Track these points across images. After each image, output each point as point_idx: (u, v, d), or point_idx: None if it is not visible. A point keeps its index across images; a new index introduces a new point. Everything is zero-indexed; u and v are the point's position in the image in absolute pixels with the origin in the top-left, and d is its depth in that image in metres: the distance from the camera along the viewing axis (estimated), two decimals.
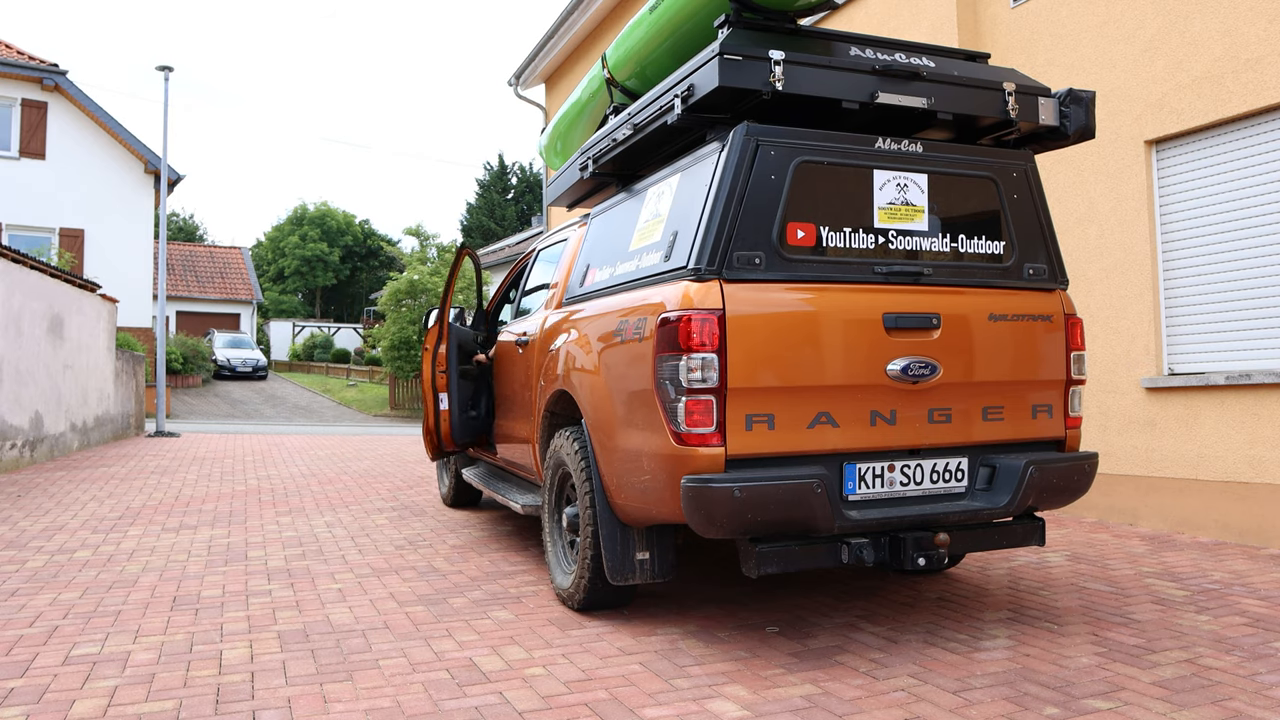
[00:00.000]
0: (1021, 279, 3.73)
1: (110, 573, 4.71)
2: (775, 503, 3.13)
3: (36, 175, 19.70)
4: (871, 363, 3.37)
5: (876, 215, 3.51)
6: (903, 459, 3.47)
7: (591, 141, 4.57)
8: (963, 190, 3.69)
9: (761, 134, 3.37)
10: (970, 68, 3.81)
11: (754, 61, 3.29)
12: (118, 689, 3.02)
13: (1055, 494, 3.62)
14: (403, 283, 24.67)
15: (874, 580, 4.54)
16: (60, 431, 10.27)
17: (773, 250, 3.32)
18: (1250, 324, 5.50)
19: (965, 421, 3.55)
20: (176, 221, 55.62)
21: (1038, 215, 3.80)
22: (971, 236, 3.66)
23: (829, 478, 3.22)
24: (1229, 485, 5.49)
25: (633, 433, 3.46)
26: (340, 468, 9.48)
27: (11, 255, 8.89)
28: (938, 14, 7.41)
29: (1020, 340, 3.67)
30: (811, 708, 2.85)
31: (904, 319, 3.42)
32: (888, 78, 3.51)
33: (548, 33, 14.03)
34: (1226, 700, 2.91)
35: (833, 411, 3.34)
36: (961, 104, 3.64)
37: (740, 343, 3.21)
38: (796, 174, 3.38)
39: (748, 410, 3.23)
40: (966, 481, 3.58)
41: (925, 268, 3.55)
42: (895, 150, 3.56)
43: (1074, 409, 3.81)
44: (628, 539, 3.64)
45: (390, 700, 2.91)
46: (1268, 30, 5.32)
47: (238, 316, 39.71)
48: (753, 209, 3.31)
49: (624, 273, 3.88)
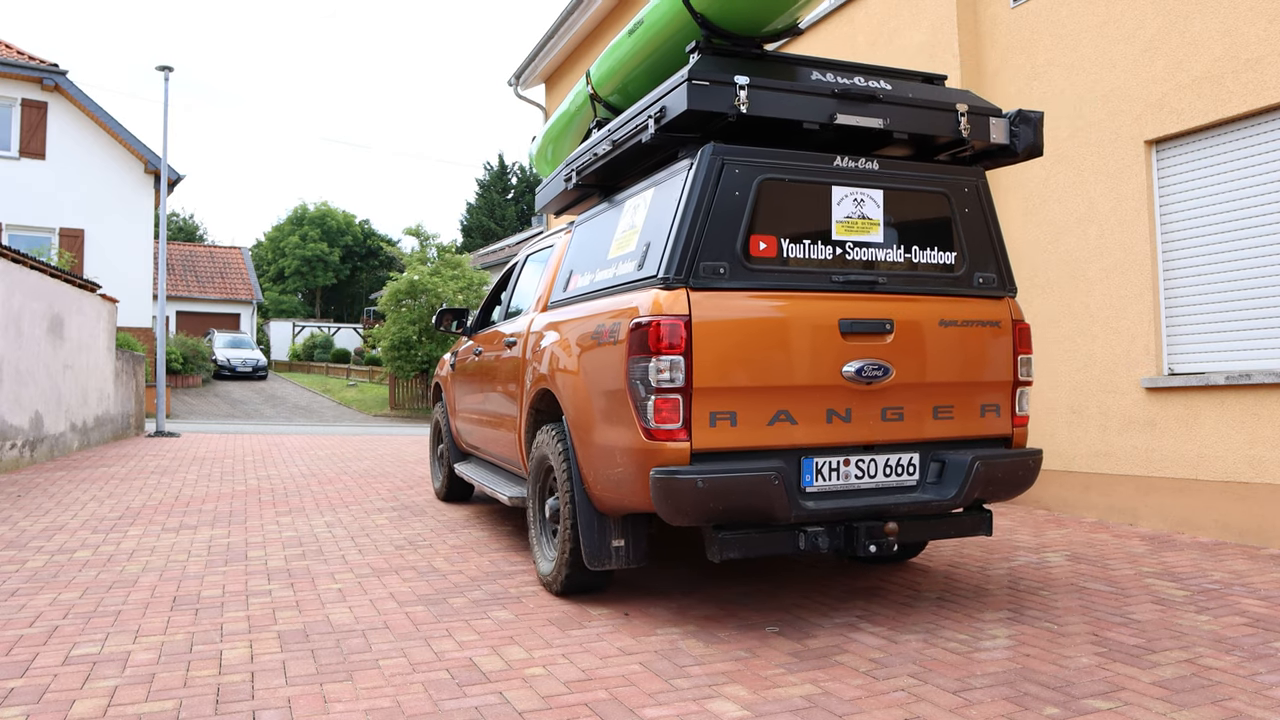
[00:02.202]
0: (971, 287, 3.98)
1: (110, 573, 4.71)
2: (736, 493, 3.38)
3: (36, 175, 19.71)
4: (828, 365, 3.63)
5: (834, 228, 3.77)
6: (857, 454, 3.72)
7: (575, 154, 4.83)
8: (916, 204, 3.95)
9: (727, 153, 3.62)
10: (926, 90, 4.07)
11: (720, 86, 3.55)
12: (118, 689, 3.02)
13: (1001, 488, 3.89)
14: (403, 283, 24.65)
15: (874, 580, 4.54)
16: (60, 431, 10.27)
17: (736, 261, 3.58)
18: (1250, 324, 5.50)
19: (916, 419, 3.81)
20: (176, 221, 55.62)
21: (988, 228, 4.05)
22: (924, 248, 3.93)
23: (787, 471, 3.46)
24: (1229, 485, 5.49)
25: (608, 428, 3.70)
26: (340, 468, 9.48)
27: (11, 255, 8.89)
28: (938, 14, 7.41)
29: (969, 344, 3.92)
30: (811, 708, 2.85)
31: (859, 324, 3.68)
32: (846, 100, 3.76)
33: (548, 33, 14.03)
34: (1226, 700, 2.91)
35: (791, 410, 3.60)
36: (916, 124, 3.90)
37: (705, 346, 3.46)
38: (759, 190, 3.64)
39: (712, 408, 3.48)
40: (918, 475, 3.83)
41: (880, 277, 3.82)
42: (853, 168, 3.81)
43: (1021, 408, 4.07)
44: (604, 527, 3.87)
45: (390, 700, 2.91)
46: (1268, 30, 5.32)
47: (238, 316, 39.72)
48: (718, 222, 3.56)
49: (603, 279, 4.13)
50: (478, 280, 25.09)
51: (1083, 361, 6.41)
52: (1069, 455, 6.50)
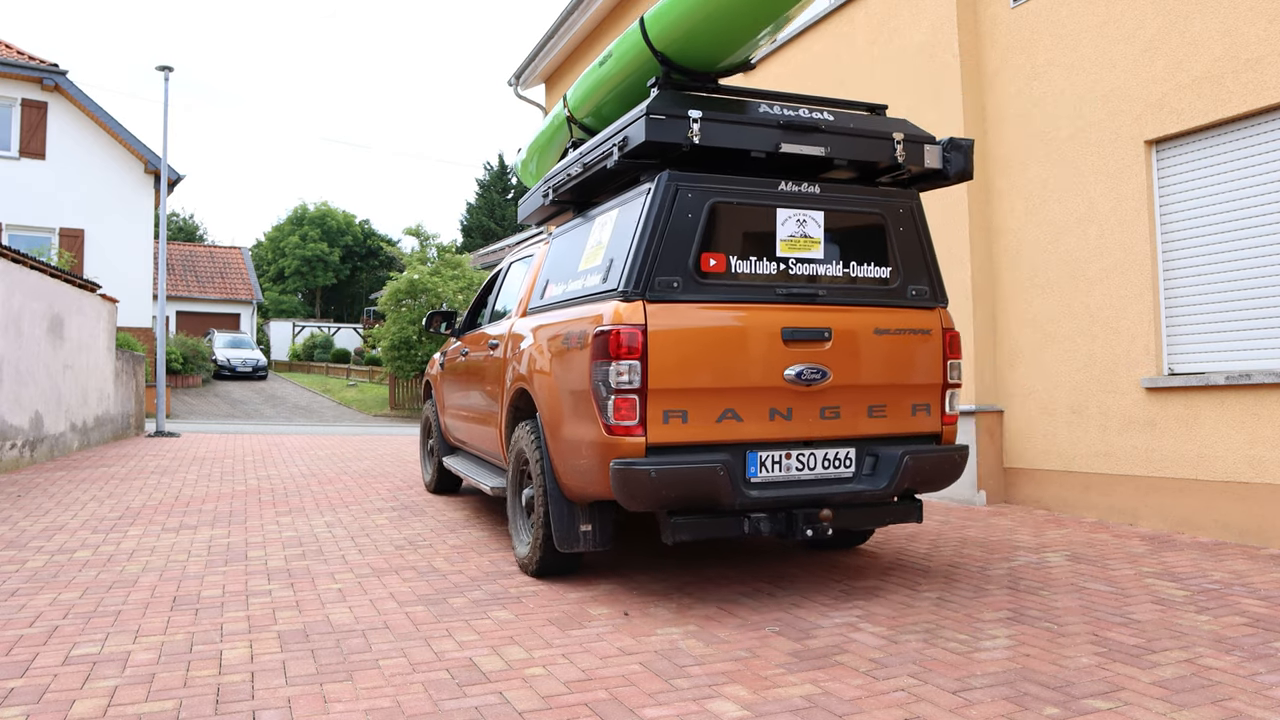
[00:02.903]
0: (905, 299, 4.37)
1: (110, 573, 4.71)
2: (685, 483, 3.79)
3: (36, 175, 19.71)
4: (771, 368, 4.01)
5: (779, 246, 4.14)
6: (798, 449, 4.10)
7: (552, 173, 5.28)
8: (854, 224, 4.34)
9: (681, 179, 4.02)
10: (866, 119, 4.44)
11: (675, 120, 3.94)
12: (118, 689, 3.02)
13: (929, 480, 4.30)
14: (403, 283, 24.65)
15: (874, 580, 4.54)
16: (60, 431, 10.27)
17: (688, 276, 3.97)
18: (1250, 324, 5.50)
19: (852, 418, 4.20)
20: (176, 221, 55.62)
21: (921, 244, 4.44)
22: (861, 263, 4.31)
23: (732, 463, 3.86)
24: (1229, 485, 5.49)
25: (574, 424, 4.10)
26: (340, 468, 9.48)
27: (11, 255, 8.89)
28: (938, 14, 7.41)
29: (902, 350, 4.30)
30: (811, 708, 2.85)
31: (799, 332, 4.06)
32: (790, 130, 4.14)
33: (548, 33, 14.03)
34: (1226, 700, 2.91)
35: (738, 408, 3.98)
36: (855, 152, 4.28)
37: (659, 352, 3.85)
38: (710, 212, 4.03)
39: (665, 407, 3.87)
40: (854, 468, 4.21)
41: (820, 290, 4.19)
42: (796, 191, 4.19)
43: (950, 408, 4.45)
44: (573, 514, 4.26)
45: (390, 700, 2.91)
46: (1268, 30, 5.32)
47: (238, 316, 39.72)
48: (673, 241, 3.96)
49: (574, 289, 4.56)
50: (478, 280, 25.10)
51: (1083, 361, 6.41)
52: (1069, 455, 6.50)
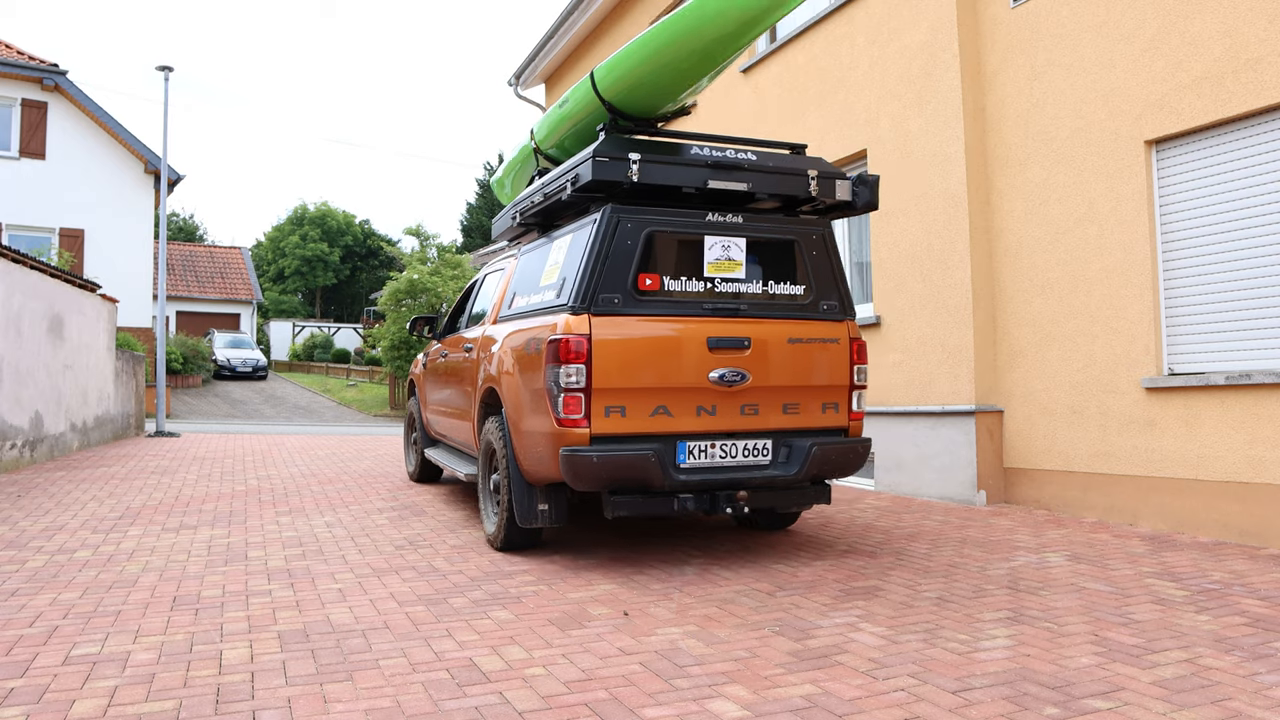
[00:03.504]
0: (817, 313, 5.02)
1: (110, 573, 4.71)
2: (623, 467, 4.47)
3: (36, 175, 19.70)
4: (698, 371, 4.66)
5: (706, 268, 4.81)
6: (721, 439, 4.76)
7: (519, 199, 6.01)
8: (772, 249, 4.99)
9: (622, 211, 4.70)
10: (785, 158, 5.09)
11: (617, 161, 4.61)
12: (118, 689, 3.02)
13: (835, 468, 4.95)
14: (403, 283, 24.66)
15: (874, 580, 4.54)
16: (60, 431, 10.27)
17: (627, 293, 4.63)
18: (1250, 324, 5.50)
19: (769, 414, 4.85)
20: (176, 221, 55.61)
21: (831, 265, 5.11)
22: (779, 282, 4.97)
23: (663, 451, 4.55)
24: (1229, 485, 5.49)
25: (532, 418, 4.76)
26: (340, 468, 9.48)
27: (11, 255, 8.89)
28: (938, 14, 7.41)
29: (813, 357, 4.95)
30: (811, 708, 2.85)
31: (723, 341, 4.71)
32: (717, 169, 4.81)
33: (548, 33, 14.03)
34: (1226, 700, 2.91)
35: (669, 405, 4.64)
36: (774, 187, 4.95)
37: (602, 357, 4.51)
38: (647, 239, 4.71)
39: (606, 403, 4.53)
40: (770, 457, 4.85)
41: (741, 305, 4.85)
42: (721, 221, 4.87)
43: (856, 406, 5.12)
44: (532, 495, 4.91)
45: (390, 700, 2.91)
46: (1268, 30, 5.32)
47: (238, 316, 39.71)
48: (614, 264, 4.63)
49: (535, 302, 5.20)
50: None
51: (1083, 361, 6.41)
52: (1069, 455, 6.50)
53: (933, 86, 7.44)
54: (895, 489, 7.63)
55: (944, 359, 7.27)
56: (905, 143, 7.71)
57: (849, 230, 8.70)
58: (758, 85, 9.76)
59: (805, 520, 6.36)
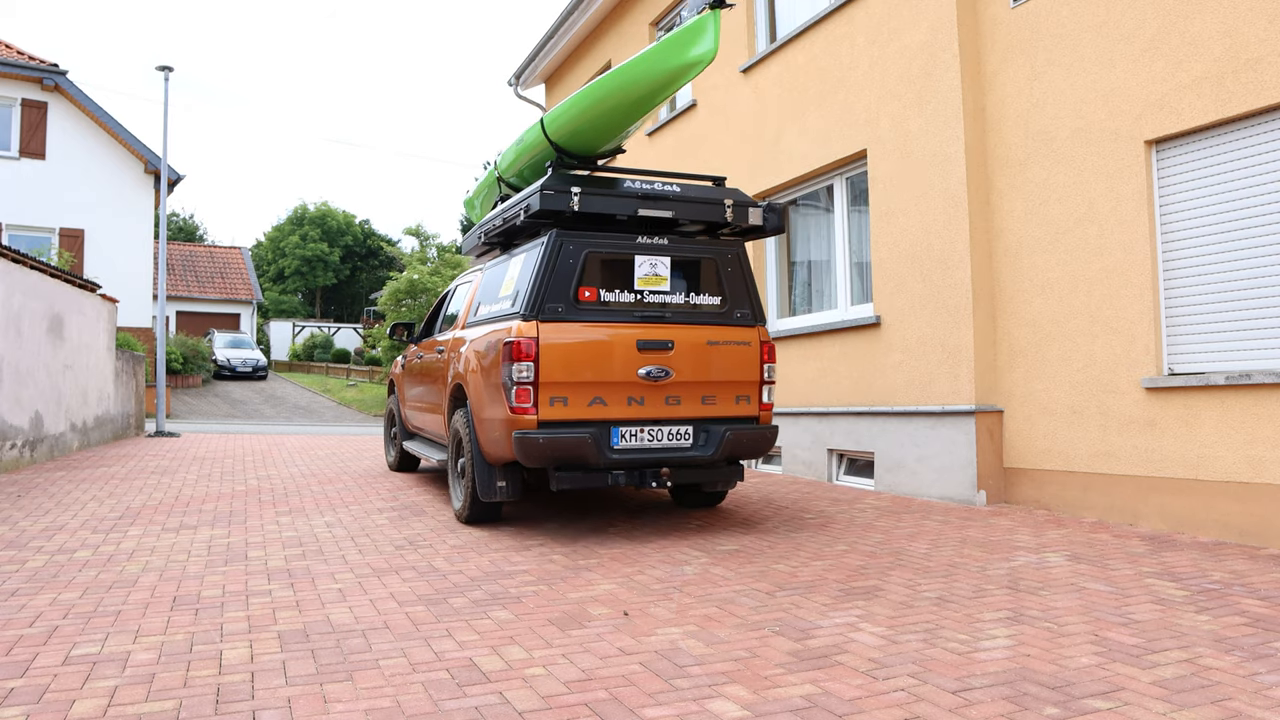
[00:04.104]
0: (732, 319, 5.88)
1: (110, 573, 4.71)
2: (565, 448, 5.35)
3: (36, 175, 19.70)
4: (628, 368, 5.52)
5: (636, 281, 5.68)
6: (649, 425, 5.61)
7: (484, 221, 6.96)
8: (693, 266, 5.88)
9: (566, 235, 5.59)
10: (706, 190, 6.00)
11: (561, 193, 5.49)
12: (118, 689, 3.02)
13: (746, 450, 5.83)
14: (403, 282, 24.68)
15: (874, 580, 4.54)
16: (60, 431, 10.27)
17: (569, 303, 5.51)
18: (1250, 324, 5.50)
19: (690, 404, 5.71)
20: (176, 221, 55.60)
21: (744, 280, 5.97)
22: (699, 294, 5.85)
23: (599, 435, 5.44)
24: (1229, 485, 5.49)
25: (490, 408, 5.63)
26: (340, 468, 9.48)
27: (11, 255, 8.89)
28: (938, 14, 7.41)
29: (728, 356, 5.80)
30: (811, 708, 2.85)
31: (649, 343, 5.58)
32: (647, 199, 5.69)
33: (548, 33, 14.04)
34: (1226, 700, 2.91)
35: (604, 396, 5.50)
36: (695, 214, 5.82)
37: (548, 357, 5.37)
38: (586, 258, 5.59)
39: (551, 395, 5.39)
40: (690, 440, 5.71)
41: (666, 312, 5.72)
42: (649, 243, 5.76)
43: (765, 399, 5.96)
44: (492, 474, 5.79)
45: (390, 700, 2.91)
46: (1268, 30, 5.32)
47: (238, 316, 39.71)
48: (559, 279, 5.51)
49: (495, 310, 6.05)
50: None
51: (1083, 361, 6.41)
52: (1069, 455, 6.50)
53: (933, 86, 7.44)
54: (895, 489, 7.63)
55: (944, 359, 7.27)
56: (905, 143, 7.71)
57: (849, 231, 8.71)
58: (758, 85, 9.76)
59: (805, 520, 6.37)
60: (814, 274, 9.41)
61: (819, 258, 9.31)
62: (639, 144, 12.39)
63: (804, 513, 6.71)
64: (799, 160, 9.04)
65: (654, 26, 12.19)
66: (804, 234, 9.59)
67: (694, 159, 10.99)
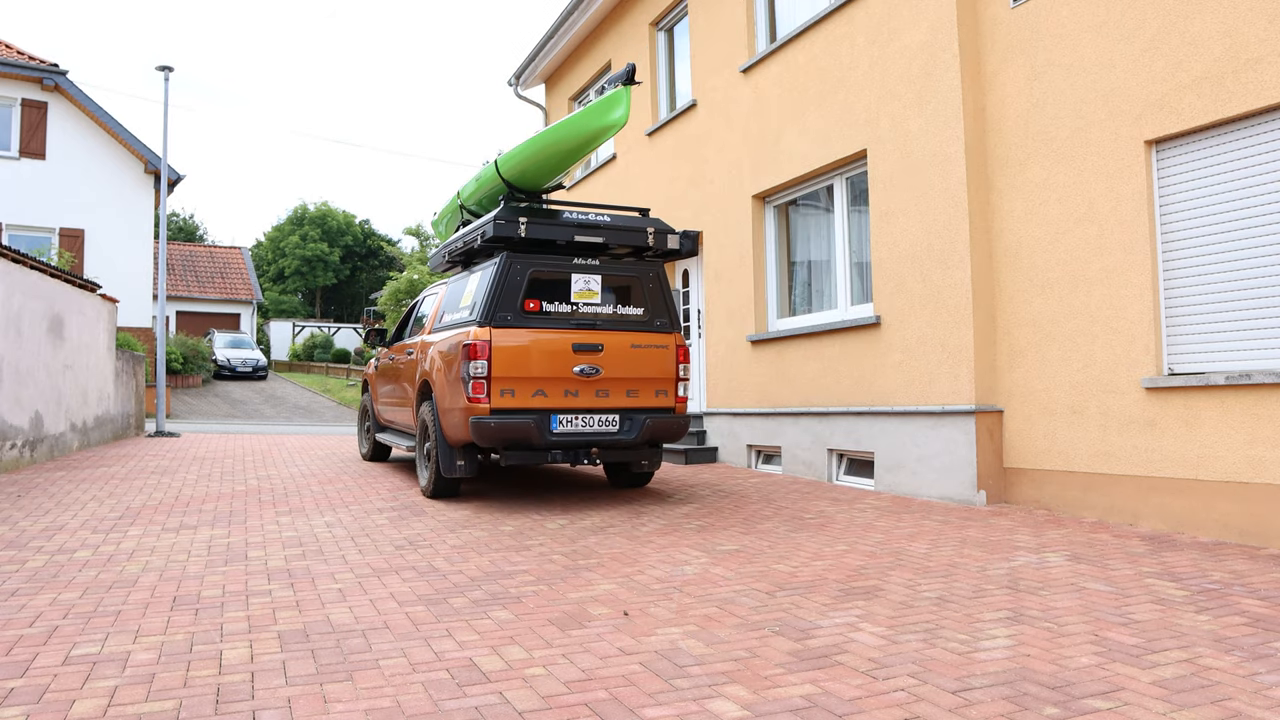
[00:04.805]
0: (652, 327, 7.07)
1: (110, 573, 4.71)
2: (512, 430, 6.45)
3: (36, 175, 19.70)
4: (564, 366, 6.64)
5: (572, 295, 6.85)
6: (582, 413, 6.71)
7: (448, 242, 8.28)
8: (620, 283, 7.07)
9: (515, 257, 6.76)
10: (632, 219, 7.25)
11: (511, 223, 6.71)
12: (118, 689, 3.02)
13: (663, 435, 7.00)
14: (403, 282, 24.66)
15: (874, 580, 4.54)
16: (60, 431, 10.27)
17: (517, 312, 6.65)
18: (1250, 324, 5.50)
19: (616, 396, 6.85)
20: (176, 221, 55.59)
21: (663, 294, 7.18)
22: (624, 305, 7.04)
23: (540, 420, 6.55)
24: (1229, 485, 5.49)
25: (451, 398, 6.69)
26: (340, 468, 9.48)
27: (11, 255, 8.89)
28: (938, 14, 7.40)
29: (649, 357, 6.97)
30: (811, 708, 2.85)
31: (583, 346, 6.70)
32: (582, 228, 6.94)
33: (548, 33, 14.03)
34: (1226, 700, 2.91)
35: (544, 389, 6.62)
36: (623, 240, 7.09)
37: (499, 356, 6.48)
38: (531, 276, 6.74)
39: (501, 387, 6.49)
40: (617, 426, 6.83)
41: (597, 321, 6.88)
42: (583, 264, 6.93)
43: (680, 393, 7.12)
44: (452, 454, 6.90)
45: (390, 700, 2.91)
46: (1268, 30, 5.32)
47: (238, 316, 39.68)
48: (508, 293, 6.65)
49: (456, 318, 7.21)
50: None
51: (1083, 361, 6.41)
52: (1069, 455, 6.50)
53: (933, 86, 7.44)
54: (895, 489, 7.63)
55: (944, 359, 7.27)
56: (905, 143, 7.71)
57: (849, 231, 8.71)
58: (758, 85, 9.76)
59: (805, 520, 6.37)
60: (814, 274, 9.41)
61: (819, 258, 9.31)
62: (639, 143, 12.39)
63: (804, 513, 6.71)
64: (799, 160, 9.04)
65: (653, 27, 12.19)
66: (804, 234, 9.60)
67: (694, 158, 10.99)
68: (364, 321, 48.34)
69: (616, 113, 6.83)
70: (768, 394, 9.44)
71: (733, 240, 10.15)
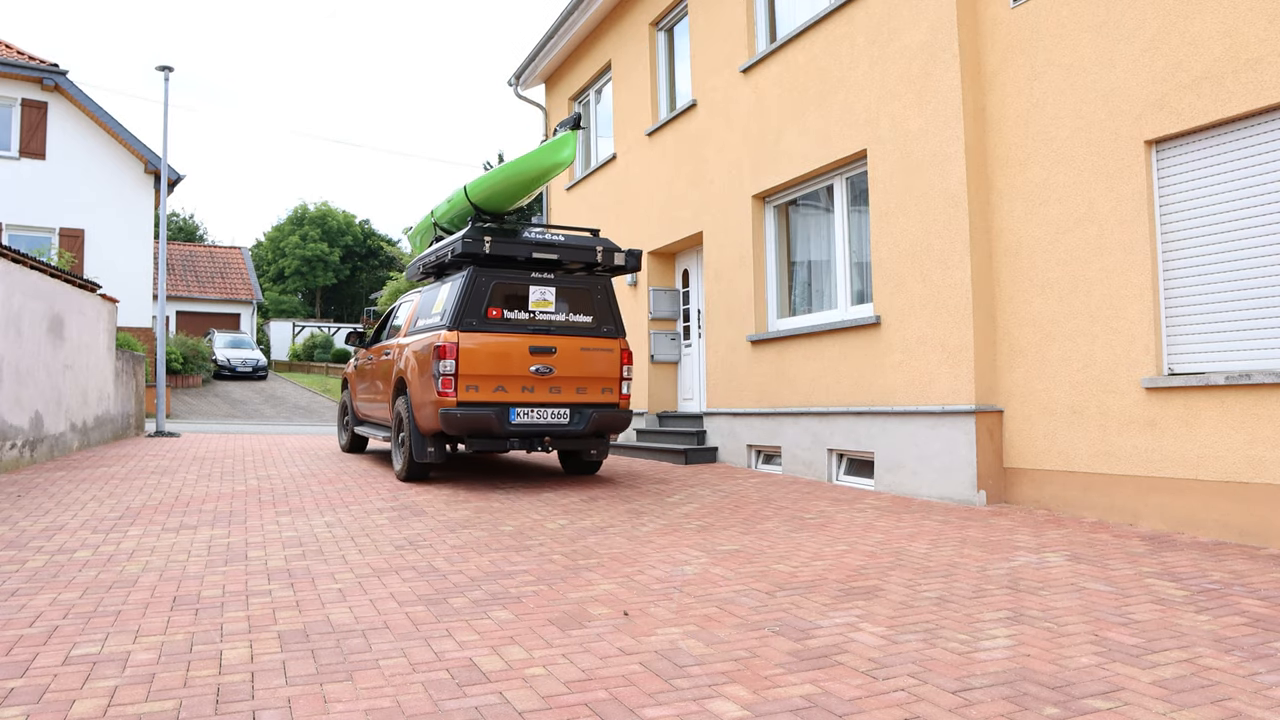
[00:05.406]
0: (599, 333, 8.12)
1: (110, 573, 4.71)
2: (476, 421, 7.47)
3: (36, 175, 19.70)
4: (522, 365, 7.69)
5: (530, 304, 7.89)
6: (537, 407, 7.73)
7: (423, 255, 9.25)
8: (573, 294, 8.12)
9: (481, 270, 7.80)
10: (584, 239, 8.30)
11: (478, 240, 7.71)
12: (118, 689, 3.02)
13: (608, 427, 8.09)
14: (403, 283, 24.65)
15: (874, 580, 4.54)
16: (60, 431, 10.27)
17: (482, 318, 7.66)
18: (1250, 324, 5.50)
19: (568, 393, 7.89)
20: (176, 221, 55.58)
21: (610, 304, 8.25)
22: (576, 314, 8.07)
23: (501, 413, 7.56)
24: (1229, 485, 5.49)
25: (423, 393, 7.72)
26: (340, 468, 9.48)
27: (11, 255, 8.89)
28: (938, 14, 7.40)
29: (597, 359, 8.02)
30: (811, 708, 2.85)
31: (538, 348, 7.75)
32: (539, 246, 7.99)
33: (548, 33, 14.03)
34: (1226, 700, 2.91)
35: (505, 385, 7.64)
36: (575, 257, 8.14)
37: (465, 357, 7.49)
38: (494, 288, 7.79)
39: (466, 383, 7.49)
40: (568, 419, 7.85)
41: (552, 327, 7.92)
42: (540, 277, 8.00)
43: (624, 390, 8.16)
44: (423, 442, 7.88)
45: (390, 700, 2.91)
46: (1268, 30, 5.32)
47: (238, 316, 39.68)
48: (473, 301, 7.66)
49: (429, 323, 8.16)
50: None
51: (1083, 361, 6.41)
52: (1069, 455, 6.50)
53: (933, 86, 7.44)
54: (895, 489, 7.63)
55: (944, 359, 7.27)
56: (905, 143, 7.71)
57: (849, 231, 8.71)
58: (758, 85, 9.76)
59: (805, 520, 6.37)
60: (814, 274, 9.41)
61: (819, 258, 9.31)
62: (639, 143, 12.39)
63: (804, 513, 6.71)
64: (799, 160, 9.04)
65: (653, 27, 12.19)
66: (804, 234, 9.60)
67: (694, 158, 10.99)
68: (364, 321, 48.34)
69: (564, 152, 8.02)
70: (768, 394, 9.44)
71: (733, 240, 10.15)
